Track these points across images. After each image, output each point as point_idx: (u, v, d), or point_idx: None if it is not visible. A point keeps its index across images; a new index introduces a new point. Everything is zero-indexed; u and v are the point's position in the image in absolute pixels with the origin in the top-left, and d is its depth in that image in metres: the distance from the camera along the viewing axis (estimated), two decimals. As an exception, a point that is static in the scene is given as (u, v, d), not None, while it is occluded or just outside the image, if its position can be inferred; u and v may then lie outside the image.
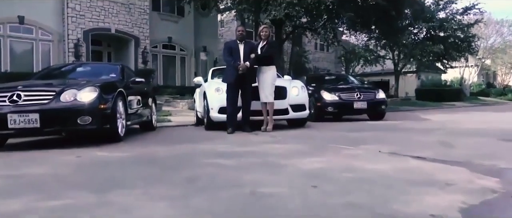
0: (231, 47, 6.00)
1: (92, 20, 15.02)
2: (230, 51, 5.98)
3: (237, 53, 5.91)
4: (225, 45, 6.23)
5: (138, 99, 6.16)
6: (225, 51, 6.09)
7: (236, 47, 5.95)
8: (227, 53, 6.01)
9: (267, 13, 12.67)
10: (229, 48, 6.02)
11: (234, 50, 5.95)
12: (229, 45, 6.10)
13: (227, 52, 6.02)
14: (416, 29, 24.30)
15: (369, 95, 8.69)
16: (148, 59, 16.67)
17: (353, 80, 10.46)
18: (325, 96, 8.65)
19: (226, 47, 6.13)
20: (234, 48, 5.96)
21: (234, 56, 5.91)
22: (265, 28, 6.17)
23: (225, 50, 6.08)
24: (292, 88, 6.52)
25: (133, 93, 5.86)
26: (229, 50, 6.00)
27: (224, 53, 6.12)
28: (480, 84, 44.79)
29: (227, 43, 6.31)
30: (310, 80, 10.26)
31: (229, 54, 5.97)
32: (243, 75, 5.78)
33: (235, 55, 5.92)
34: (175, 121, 9.51)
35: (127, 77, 6.06)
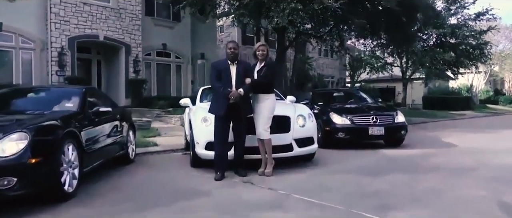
0: (220, 69, 4.72)
1: (78, 27, 13.81)
2: (219, 75, 4.71)
3: (228, 76, 4.65)
4: (213, 67, 4.92)
5: (105, 133, 4.93)
6: (212, 74, 4.80)
7: (227, 69, 4.67)
8: (215, 77, 4.73)
9: (269, 20, 11.43)
10: (218, 70, 4.74)
11: (224, 73, 4.67)
12: (218, 67, 4.81)
13: (215, 75, 4.73)
14: (425, 35, 23.01)
15: (386, 118, 7.41)
16: (140, 68, 15.45)
17: (365, 97, 9.17)
18: (335, 120, 7.38)
19: (214, 69, 4.83)
20: (224, 71, 4.69)
21: (224, 80, 4.65)
22: (261, 47, 4.86)
23: (213, 73, 4.78)
24: (297, 118, 5.26)
25: (96, 126, 4.63)
26: (217, 73, 4.72)
27: (212, 76, 4.82)
28: (487, 91, 43.45)
29: (215, 64, 4.98)
30: (316, 98, 9.01)
31: (218, 78, 4.70)
32: (236, 105, 4.53)
33: (225, 79, 4.65)
34: (162, 144, 8.28)
35: (92, 105, 4.82)
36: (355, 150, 7.16)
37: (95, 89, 6.05)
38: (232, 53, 4.67)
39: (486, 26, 24.17)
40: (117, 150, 5.49)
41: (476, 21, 23.79)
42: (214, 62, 5.09)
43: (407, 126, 7.62)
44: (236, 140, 4.75)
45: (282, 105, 5.16)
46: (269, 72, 4.74)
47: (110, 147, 5.10)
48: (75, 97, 4.70)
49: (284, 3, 10.69)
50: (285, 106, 5.52)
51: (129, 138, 6.10)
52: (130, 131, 6.28)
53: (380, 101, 9.21)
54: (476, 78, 35.77)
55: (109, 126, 5.15)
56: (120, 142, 5.60)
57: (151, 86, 16.63)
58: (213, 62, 5.05)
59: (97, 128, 4.63)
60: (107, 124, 5.07)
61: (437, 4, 21.65)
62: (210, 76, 4.89)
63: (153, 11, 16.75)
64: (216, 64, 4.93)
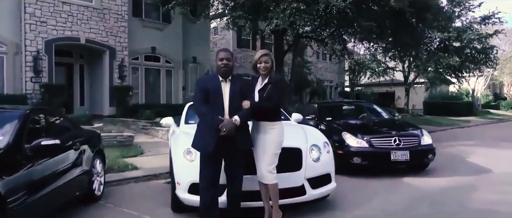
0: (208, 89, 3.38)
1: (57, 28, 12.49)
2: (206, 95, 3.37)
3: (219, 99, 3.35)
4: (198, 85, 3.48)
5: (54, 172, 3.65)
6: (197, 95, 3.45)
7: (217, 88, 3.36)
8: (201, 99, 3.38)
9: (267, 22, 10.21)
10: (205, 90, 3.40)
11: (214, 93, 3.36)
12: (205, 85, 3.44)
13: (201, 96, 3.39)
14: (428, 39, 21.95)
15: (411, 140, 6.18)
16: (126, 74, 14.15)
17: (380, 111, 7.94)
18: (350, 142, 6.15)
19: (199, 88, 3.46)
20: (213, 90, 3.36)
21: (213, 104, 3.35)
22: (264, 57, 3.50)
23: (198, 93, 3.44)
24: (310, 150, 4.01)
25: (37, 165, 3.35)
26: (204, 94, 3.38)
27: (196, 98, 3.48)
28: (487, 95, 42.59)
29: (201, 81, 3.56)
30: (323, 112, 7.77)
31: (204, 101, 3.38)
32: (229, 140, 3.28)
33: (214, 102, 3.35)
34: (144, 167, 7.01)
35: (37, 135, 3.56)
36: (373, 179, 5.94)
37: (46, 111, 4.74)
38: (224, 66, 3.35)
39: (491, 29, 23.25)
40: (75, 190, 4.21)
41: (481, 24, 22.83)
42: (200, 79, 3.71)
43: (435, 148, 6.38)
44: (230, 182, 3.50)
45: (289, 132, 3.86)
46: (275, 92, 3.40)
47: (63, 189, 3.82)
48: (9, 124, 3.42)
49: (284, 3, 9.49)
50: (293, 133, 4.25)
51: (94, 170, 4.83)
52: (97, 160, 5.00)
53: (396, 115, 8.00)
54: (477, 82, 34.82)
55: (63, 161, 3.88)
56: (80, 179, 4.32)
57: (138, 93, 15.32)
58: (199, 79, 3.69)
59: (38, 168, 3.35)
60: (59, 158, 3.80)
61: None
62: (193, 97, 3.53)
63: (141, 11, 15.44)
64: (202, 82, 3.55)
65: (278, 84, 3.45)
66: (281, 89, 3.43)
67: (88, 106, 14.59)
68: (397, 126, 6.78)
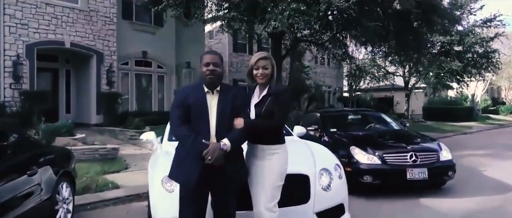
0: (189, 103, 2.57)
1: (39, 31, 11.69)
2: (186, 111, 2.57)
3: (203, 116, 2.55)
4: (176, 98, 2.68)
5: None
6: (174, 111, 2.60)
7: (201, 102, 2.56)
8: (179, 117, 2.57)
9: (264, 24, 9.47)
10: (185, 104, 2.57)
11: (196, 108, 2.56)
12: (186, 98, 2.59)
13: (180, 113, 2.57)
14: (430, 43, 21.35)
15: (429, 156, 5.41)
16: (114, 80, 13.34)
17: (390, 121, 7.18)
18: (359, 157, 5.38)
19: (177, 102, 2.61)
20: (195, 105, 2.56)
21: (196, 123, 2.55)
22: (262, 61, 2.68)
23: (176, 109, 2.59)
24: (319, 175, 3.25)
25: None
26: (183, 109, 2.57)
27: (173, 115, 2.60)
28: (485, 100, 42.10)
29: (180, 93, 2.73)
30: (326, 122, 7.00)
31: (184, 118, 2.56)
32: (217, 170, 2.49)
33: (197, 120, 2.55)
34: (126, 185, 6.23)
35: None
36: (386, 200, 5.16)
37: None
38: (210, 74, 2.55)
39: (493, 33, 22.72)
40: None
41: (483, 28, 22.27)
42: (182, 90, 2.82)
43: (455, 164, 5.62)
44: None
45: (292, 152, 3.01)
46: (278, 107, 2.59)
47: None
48: None
49: (283, 3, 8.75)
50: (298, 154, 3.46)
51: (59, 197, 4.03)
52: (63, 184, 4.20)
53: (407, 125, 7.26)
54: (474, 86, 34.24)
55: (8, 191, 3.08)
56: (37, 209, 3.53)
57: (128, 100, 14.51)
58: (180, 90, 2.83)
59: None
60: (9, 186, 3.01)
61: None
62: (170, 113, 2.66)
63: (132, 14, 14.67)
64: (181, 94, 2.67)
65: (281, 96, 2.61)
66: (285, 103, 2.61)
67: (74, 114, 13.76)
68: (411, 139, 6.01)
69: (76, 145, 7.96)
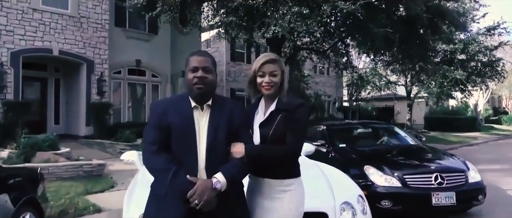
0: (169, 123, 1.84)
1: (25, 38, 11.02)
2: (165, 135, 1.84)
3: (188, 140, 1.84)
4: (152, 114, 1.92)
5: None
6: (149, 135, 1.87)
7: (186, 121, 1.85)
8: (155, 142, 1.84)
9: (263, 29, 8.83)
10: (163, 124, 1.85)
11: (179, 130, 1.84)
12: (163, 114, 1.87)
13: (156, 137, 1.85)
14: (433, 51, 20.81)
15: (456, 177, 4.70)
16: (105, 89, 12.64)
17: (404, 135, 6.48)
18: (375, 179, 4.67)
19: (153, 121, 1.90)
20: (178, 125, 1.84)
21: (179, 150, 1.83)
22: (269, 64, 1.97)
23: (151, 130, 1.88)
24: (341, 211, 2.55)
25: None
26: (161, 132, 1.85)
27: (147, 140, 1.87)
28: (487, 110, 41.60)
29: (157, 108, 1.94)
30: (334, 136, 6.30)
31: (162, 144, 1.83)
32: (206, 215, 1.75)
33: (180, 146, 1.84)
34: (109, 208, 5.54)
35: None
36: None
37: None
38: (199, 83, 1.85)
39: (496, 41, 22.25)
40: None
41: (486, 36, 21.78)
42: (159, 104, 2.04)
43: (486, 186, 4.91)
44: None
45: (305, 181, 2.28)
46: (291, 126, 1.90)
47: None
48: None
49: (284, 7, 8.13)
50: (311, 183, 2.72)
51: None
52: (27, 214, 3.48)
53: (423, 140, 6.58)
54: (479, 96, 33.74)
55: None
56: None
57: (120, 111, 13.80)
58: (156, 103, 2.03)
59: None
60: None
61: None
62: (143, 137, 1.96)
63: (125, 21, 14.04)
64: (160, 109, 1.93)
65: (296, 113, 1.91)
66: (302, 122, 1.92)
67: (63, 126, 13.05)
68: (433, 156, 5.32)
69: (58, 160, 7.24)
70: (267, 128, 1.92)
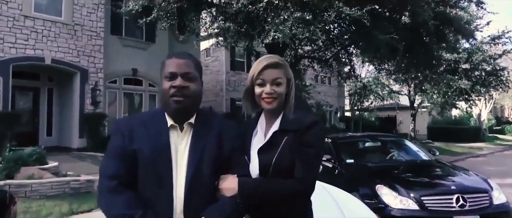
0: (135, 150, 1.36)
1: (16, 46, 10.60)
2: (131, 165, 1.36)
3: (162, 172, 1.35)
4: (115, 138, 1.45)
5: None
6: (108, 165, 1.39)
7: (160, 146, 1.37)
8: (116, 176, 1.36)
9: (263, 36, 8.40)
10: (127, 151, 1.36)
11: (151, 159, 1.35)
12: (129, 137, 1.40)
13: (118, 168, 1.36)
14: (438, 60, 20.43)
15: (480, 198, 4.18)
16: (99, 99, 12.18)
17: (417, 149, 5.98)
18: (389, 200, 4.16)
19: (115, 144, 1.42)
20: (147, 153, 1.36)
21: (149, 185, 1.35)
22: (270, 70, 1.47)
23: (111, 159, 1.39)
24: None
25: None
26: (125, 161, 1.37)
27: (105, 171, 1.38)
28: (489, 119, 41.10)
29: (122, 127, 1.45)
30: (340, 150, 5.80)
31: (125, 179, 1.35)
32: None
33: (151, 180, 1.35)
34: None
35: None
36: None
37: None
38: (178, 94, 1.40)
39: (500, 50, 21.91)
40: None
41: (491, 45, 21.44)
42: (123, 123, 1.51)
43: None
44: None
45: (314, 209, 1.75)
46: (300, 152, 1.40)
47: None
48: None
49: (286, 12, 7.71)
50: (320, 210, 2.24)
51: None
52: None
53: (436, 154, 6.08)
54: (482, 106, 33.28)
55: None
56: None
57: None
58: (119, 122, 1.51)
59: None
60: None
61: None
62: (100, 170, 1.42)
63: (121, 29, 13.64)
64: (125, 130, 1.44)
65: (308, 135, 1.43)
66: (317, 148, 1.42)
67: (56, 137, 12.57)
68: (451, 174, 4.81)
69: (43, 176, 6.73)
70: (269, 154, 1.43)
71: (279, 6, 8.17)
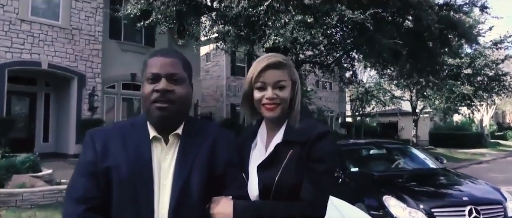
0: (110, 167, 1.12)
1: (12, 50, 10.41)
2: (104, 186, 1.11)
3: (141, 195, 1.11)
4: (85, 153, 1.21)
5: None
6: (76, 187, 1.16)
7: (140, 165, 1.13)
8: (85, 199, 1.12)
9: (264, 40, 8.20)
10: (100, 170, 1.13)
11: (128, 179, 1.12)
12: (102, 153, 1.16)
13: (88, 189, 1.12)
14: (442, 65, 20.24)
15: (493, 210, 3.93)
16: (97, 105, 11.96)
17: (424, 157, 5.74)
18: (397, 212, 3.91)
19: (86, 161, 1.18)
20: (124, 171, 1.12)
21: (125, 207, 1.11)
22: (272, 70, 1.24)
23: (80, 177, 1.15)
24: None
25: None
26: (96, 182, 1.13)
27: (72, 194, 1.16)
28: (491, 125, 40.84)
29: (94, 141, 1.21)
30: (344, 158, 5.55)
31: (96, 202, 1.12)
32: None
33: (129, 206, 1.11)
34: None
35: None
36: None
37: None
38: (161, 99, 1.15)
39: (502, 55, 21.75)
40: None
41: (493, 49, 21.27)
42: (95, 134, 1.25)
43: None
44: None
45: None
46: (311, 169, 1.16)
47: None
48: None
49: (287, 16, 7.51)
50: None
51: None
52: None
53: (444, 162, 5.84)
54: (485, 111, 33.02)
55: None
56: None
57: (114, 127, 13.08)
58: (91, 134, 1.25)
59: None
60: None
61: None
62: (66, 191, 1.20)
63: (120, 33, 13.45)
64: (98, 144, 1.20)
65: (318, 149, 1.19)
66: (329, 164, 1.18)
67: (53, 143, 12.35)
68: (463, 184, 4.56)
69: (35, 185, 6.49)
70: (271, 171, 1.20)
71: (280, 9, 7.98)
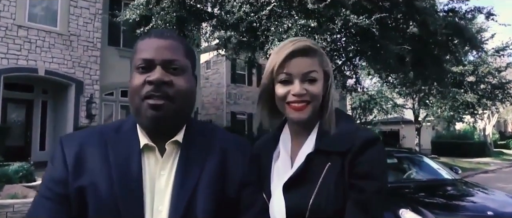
0: (84, 187, 0.80)
1: (8, 57, 10.16)
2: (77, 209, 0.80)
3: (129, 215, 0.80)
4: (53, 165, 0.90)
5: None
6: (39, 210, 0.83)
7: (127, 179, 0.82)
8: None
9: (267, 46, 7.95)
10: (70, 189, 0.82)
11: (106, 202, 0.80)
12: (75, 166, 0.86)
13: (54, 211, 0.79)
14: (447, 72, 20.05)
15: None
16: (95, 112, 11.67)
17: (438, 167, 5.44)
18: (415, 227, 3.63)
19: (53, 177, 0.86)
20: (104, 190, 0.81)
21: None
22: (299, 59, 0.93)
23: (43, 200, 0.83)
24: None
25: None
26: (66, 209, 0.82)
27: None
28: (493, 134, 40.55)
29: (65, 147, 0.91)
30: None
31: None
32: None
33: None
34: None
35: None
36: None
37: None
38: (156, 94, 0.87)
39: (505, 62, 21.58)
40: None
41: (495, 57, 21.10)
42: (68, 141, 0.94)
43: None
44: None
45: None
46: (357, 189, 0.86)
47: None
48: None
49: (289, 20, 7.28)
50: None
51: None
52: None
53: (459, 173, 5.55)
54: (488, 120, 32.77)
55: None
56: None
57: (112, 135, 12.79)
58: (66, 140, 0.93)
59: None
60: None
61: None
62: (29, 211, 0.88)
63: (119, 40, 13.23)
64: (70, 153, 0.88)
65: (365, 161, 0.87)
66: (381, 181, 0.87)
67: (49, 152, 12.01)
68: (480, 195, 4.27)
69: (28, 195, 6.18)
70: (303, 191, 0.89)
71: (282, 14, 7.75)
